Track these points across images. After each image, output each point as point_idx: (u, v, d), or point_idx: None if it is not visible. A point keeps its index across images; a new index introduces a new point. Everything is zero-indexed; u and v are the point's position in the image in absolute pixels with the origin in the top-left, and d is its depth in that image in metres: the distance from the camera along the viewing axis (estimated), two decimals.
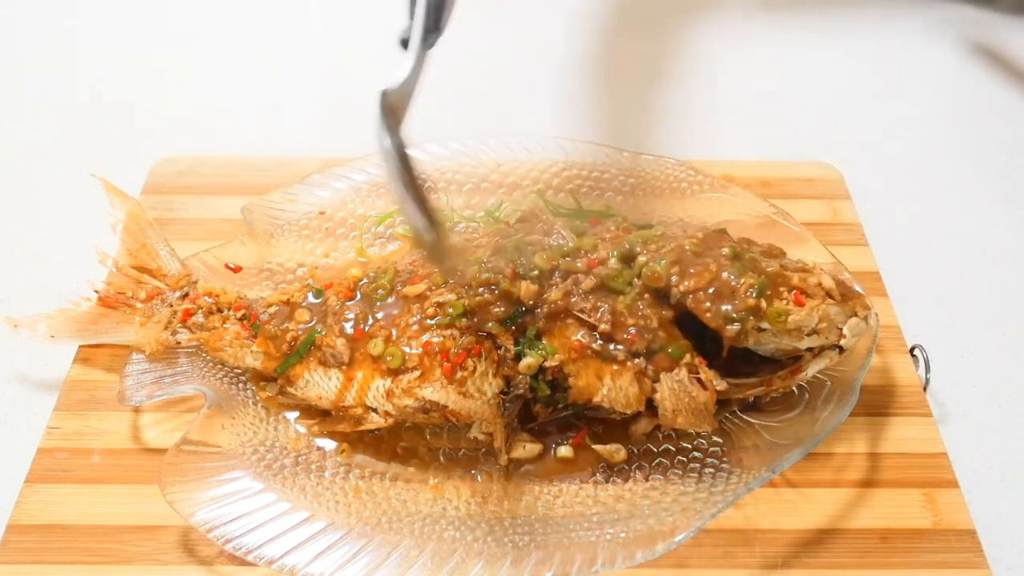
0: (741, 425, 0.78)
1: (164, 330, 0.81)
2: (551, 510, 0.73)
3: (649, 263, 0.77)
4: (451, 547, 0.69)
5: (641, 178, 0.96)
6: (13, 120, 1.19)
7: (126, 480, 0.76)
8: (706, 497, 0.72)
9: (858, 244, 0.97)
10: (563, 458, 0.77)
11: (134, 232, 0.88)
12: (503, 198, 0.97)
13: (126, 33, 1.36)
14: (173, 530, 0.73)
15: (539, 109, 1.24)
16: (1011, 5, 1.37)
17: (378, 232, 0.95)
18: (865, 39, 1.35)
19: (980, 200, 1.08)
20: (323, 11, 1.42)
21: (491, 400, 0.74)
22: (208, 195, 1.02)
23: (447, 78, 1.29)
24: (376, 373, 0.75)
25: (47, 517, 0.74)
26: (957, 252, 1.01)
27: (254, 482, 0.73)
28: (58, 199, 1.06)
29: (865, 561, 0.72)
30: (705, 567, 0.71)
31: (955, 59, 1.30)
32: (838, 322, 0.75)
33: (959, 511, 0.75)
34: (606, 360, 0.74)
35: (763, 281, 0.75)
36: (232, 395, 0.79)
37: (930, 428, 0.81)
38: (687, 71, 1.31)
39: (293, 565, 0.67)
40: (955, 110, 1.22)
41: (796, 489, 0.76)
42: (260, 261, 0.91)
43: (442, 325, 0.75)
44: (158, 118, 1.20)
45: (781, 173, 1.05)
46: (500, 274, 0.77)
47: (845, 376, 0.78)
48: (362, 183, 0.97)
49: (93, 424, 0.80)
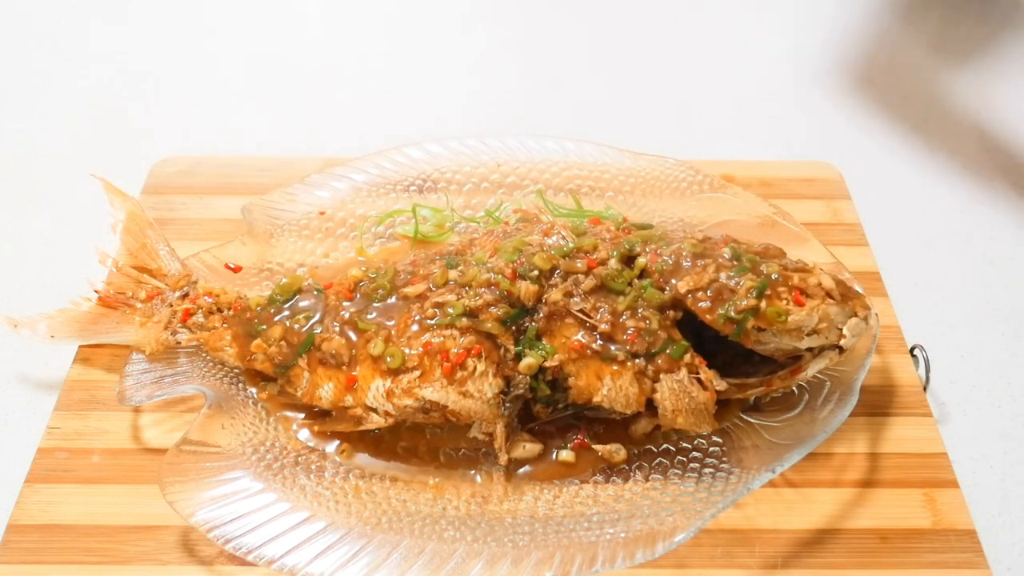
0: (741, 425, 0.78)
1: (164, 330, 0.81)
2: (551, 510, 0.73)
3: (651, 265, 0.77)
4: (451, 547, 0.69)
5: (641, 178, 0.96)
6: (13, 120, 1.19)
7: (126, 480, 0.76)
8: (706, 497, 0.72)
9: (858, 244, 0.97)
10: (564, 461, 0.77)
11: (134, 232, 0.88)
12: (503, 197, 0.98)
13: (126, 33, 1.36)
14: (173, 530, 0.73)
15: (540, 109, 1.24)
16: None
17: (378, 232, 0.95)
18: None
19: (980, 200, 1.08)
20: (323, 11, 1.42)
21: (491, 400, 0.74)
22: (208, 195, 1.02)
23: (447, 78, 1.30)
24: (376, 373, 0.75)
25: (47, 517, 0.74)
26: (957, 252, 1.01)
27: (254, 482, 0.73)
28: (58, 199, 1.06)
29: (865, 561, 0.72)
30: (705, 567, 0.71)
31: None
32: (838, 322, 0.75)
33: (959, 511, 0.75)
34: (606, 360, 0.74)
35: (763, 281, 0.75)
36: (232, 395, 0.79)
37: (930, 428, 0.81)
38: (687, 71, 1.31)
39: (293, 565, 0.67)
40: (955, 109, 1.22)
41: (796, 489, 0.76)
42: (260, 261, 0.91)
43: (442, 325, 0.75)
44: (158, 118, 1.20)
45: (781, 173, 1.05)
46: (500, 274, 0.77)
47: (845, 376, 0.78)
48: (362, 183, 0.97)
49: (93, 424, 0.80)
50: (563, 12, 1.43)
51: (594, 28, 1.40)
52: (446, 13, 1.42)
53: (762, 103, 1.24)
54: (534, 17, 1.43)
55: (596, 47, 1.36)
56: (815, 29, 1.38)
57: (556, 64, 1.32)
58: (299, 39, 1.36)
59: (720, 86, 1.28)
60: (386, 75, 1.29)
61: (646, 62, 1.33)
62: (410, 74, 1.29)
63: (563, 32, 1.39)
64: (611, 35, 1.38)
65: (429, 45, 1.35)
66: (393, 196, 0.97)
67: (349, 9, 1.42)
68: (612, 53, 1.34)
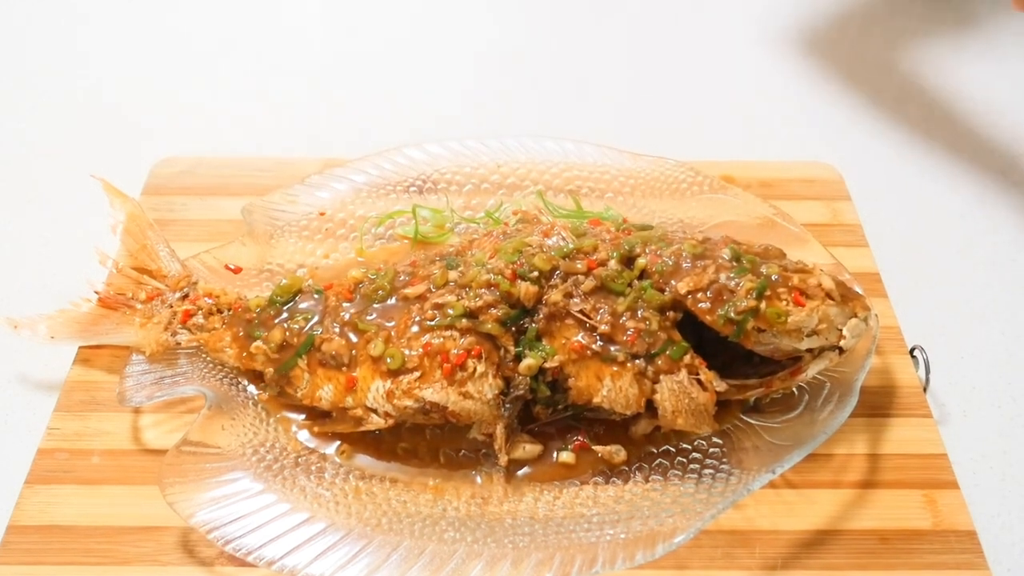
0: (741, 426, 0.78)
1: (164, 331, 0.81)
2: (551, 511, 0.73)
3: (651, 266, 0.77)
4: (451, 548, 0.69)
5: (641, 179, 0.96)
6: (14, 120, 1.19)
7: (126, 481, 0.76)
8: (706, 498, 0.72)
9: (858, 245, 0.97)
10: (564, 462, 0.77)
11: (134, 233, 0.88)
12: (503, 198, 0.97)
13: (126, 33, 1.36)
14: (173, 531, 0.73)
15: (540, 110, 1.24)
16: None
17: (378, 233, 0.95)
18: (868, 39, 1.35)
19: (980, 200, 1.08)
20: (323, 11, 1.42)
21: (491, 401, 0.74)
22: (208, 196, 1.02)
23: (447, 78, 1.30)
24: (376, 374, 0.75)
25: (47, 518, 0.74)
26: (957, 252, 1.01)
27: (254, 483, 0.73)
28: (58, 199, 1.06)
29: (865, 562, 0.72)
30: (705, 568, 0.71)
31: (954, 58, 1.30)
32: (838, 323, 0.75)
33: (959, 512, 0.75)
34: (606, 361, 0.74)
35: (763, 282, 0.75)
36: (232, 396, 0.79)
37: (930, 429, 0.81)
38: (687, 70, 1.31)
39: (293, 566, 0.67)
40: (955, 109, 1.22)
41: (796, 490, 0.76)
42: (260, 262, 0.91)
43: (442, 326, 0.75)
44: (158, 118, 1.20)
45: (781, 174, 1.05)
46: (500, 275, 0.77)
47: (845, 377, 0.78)
48: (362, 184, 0.97)
49: (93, 425, 0.80)
50: (563, 13, 1.43)
51: (593, 29, 1.39)
52: (446, 13, 1.42)
53: (762, 103, 1.24)
54: (534, 18, 1.43)
55: (596, 48, 1.36)
56: (815, 29, 1.37)
57: (556, 65, 1.32)
58: (299, 39, 1.36)
59: (720, 86, 1.28)
60: (386, 75, 1.29)
61: (646, 62, 1.33)
62: (410, 74, 1.29)
63: (563, 33, 1.39)
64: (611, 35, 1.38)
65: (429, 45, 1.35)
66: (393, 197, 0.97)
67: (349, 9, 1.42)
68: (612, 53, 1.34)
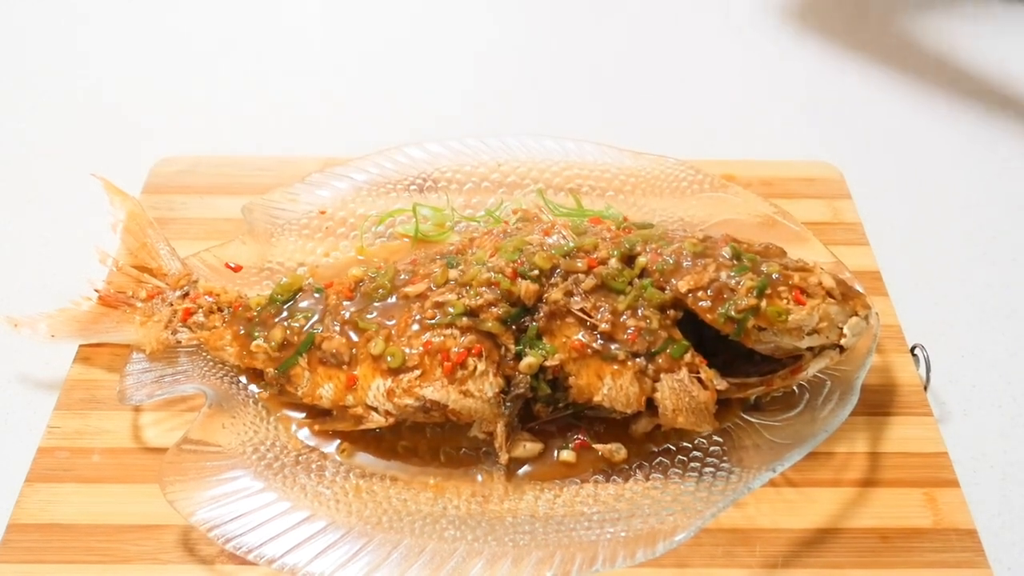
0: (742, 424, 0.78)
1: (164, 329, 0.81)
2: (552, 509, 0.73)
3: (651, 265, 0.77)
4: (452, 546, 0.69)
5: (641, 177, 0.96)
6: (14, 120, 1.19)
7: (126, 479, 0.76)
8: (707, 496, 0.71)
9: (858, 244, 0.97)
10: (564, 460, 0.77)
11: (134, 231, 0.88)
12: (503, 197, 0.98)
13: (126, 33, 1.36)
14: (173, 529, 0.73)
15: (540, 108, 1.24)
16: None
17: (378, 231, 0.95)
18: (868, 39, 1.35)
19: (980, 200, 1.08)
20: (323, 11, 1.42)
21: (492, 399, 0.74)
22: (208, 194, 1.02)
23: (447, 78, 1.30)
24: (376, 372, 0.75)
25: (47, 516, 0.74)
26: (957, 252, 1.01)
27: (254, 481, 0.73)
28: (58, 199, 1.06)
29: (865, 561, 0.72)
30: (706, 566, 0.71)
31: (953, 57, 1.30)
32: (838, 321, 0.75)
33: (960, 511, 0.75)
34: (606, 359, 0.74)
35: (763, 280, 0.75)
36: (232, 394, 0.79)
37: (930, 428, 0.81)
38: (688, 69, 1.31)
39: (293, 564, 0.67)
40: (954, 109, 1.22)
41: (797, 488, 0.76)
42: (260, 260, 0.91)
43: (442, 324, 0.75)
44: (158, 118, 1.20)
45: (781, 173, 1.05)
46: (501, 274, 0.77)
47: (845, 375, 0.78)
48: (362, 182, 0.97)
49: (93, 423, 0.80)
50: (563, 12, 1.44)
51: (594, 28, 1.40)
52: (446, 13, 1.42)
53: (763, 102, 1.24)
54: (534, 17, 1.43)
55: (596, 47, 1.36)
56: (816, 28, 1.38)
57: (556, 64, 1.32)
58: (299, 39, 1.36)
59: (721, 85, 1.28)
60: (386, 75, 1.29)
61: (646, 61, 1.33)
62: (410, 74, 1.29)
63: (563, 32, 1.40)
64: (611, 35, 1.38)
65: (429, 45, 1.35)
66: (393, 195, 0.97)
67: (349, 9, 1.42)
68: (612, 53, 1.35)
